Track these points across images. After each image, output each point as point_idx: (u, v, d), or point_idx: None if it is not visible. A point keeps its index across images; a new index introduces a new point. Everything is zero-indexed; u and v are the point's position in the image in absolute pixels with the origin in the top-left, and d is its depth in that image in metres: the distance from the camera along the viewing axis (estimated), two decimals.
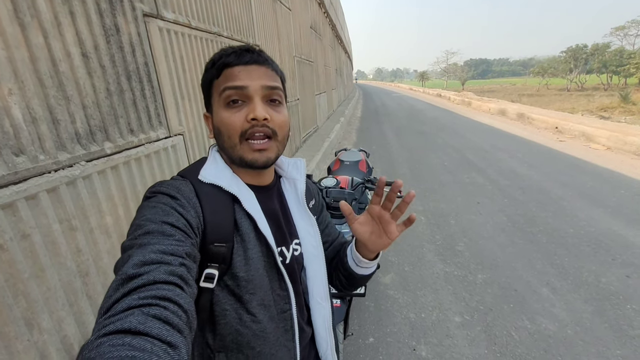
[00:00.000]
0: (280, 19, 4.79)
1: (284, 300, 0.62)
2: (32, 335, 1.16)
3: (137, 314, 0.34)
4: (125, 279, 0.39)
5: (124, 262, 0.42)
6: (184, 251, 0.45)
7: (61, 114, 1.25)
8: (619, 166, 4.94)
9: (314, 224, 0.71)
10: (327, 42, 11.91)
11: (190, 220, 0.51)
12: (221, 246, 0.54)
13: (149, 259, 0.41)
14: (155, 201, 0.51)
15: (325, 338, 0.73)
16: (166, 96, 1.88)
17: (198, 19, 2.26)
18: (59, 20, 1.23)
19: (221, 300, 0.56)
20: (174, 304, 0.37)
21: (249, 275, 0.57)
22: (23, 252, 1.12)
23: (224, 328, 0.57)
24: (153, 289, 0.37)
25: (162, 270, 0.40)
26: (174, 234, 0.47)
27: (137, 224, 0.48)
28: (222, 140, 0.59)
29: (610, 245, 2.73)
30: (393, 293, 2.22)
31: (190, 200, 0.54)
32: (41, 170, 1.18)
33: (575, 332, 1.83)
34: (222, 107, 0.58)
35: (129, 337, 0.31)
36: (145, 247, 0.43)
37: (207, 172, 0.59)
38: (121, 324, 0.32)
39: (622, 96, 17.06)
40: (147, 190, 0.55)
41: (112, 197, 1.50)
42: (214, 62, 0.60)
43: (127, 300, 0.36)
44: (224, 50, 0.60)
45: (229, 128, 0.57)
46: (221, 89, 0.57)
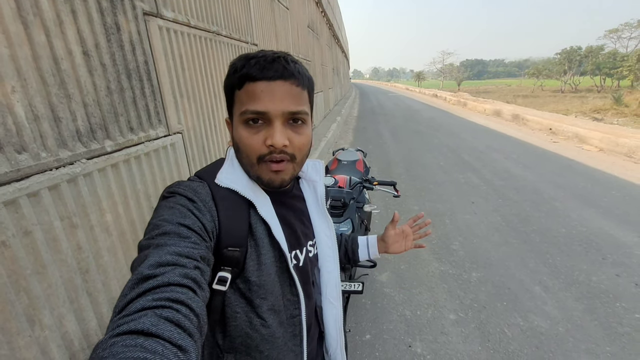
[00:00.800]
0: (278, 18, 4.80)
1: (294, 305, 0.63)
2: (34, 332, 1.17)
3: (150, 316, 0.34)
4: (140, 278, 0.39)
5: (140, 261, 0.43)
6: (199, 254, 0.46)
7: (62, 112, 1.26)
8: (610, 167, 5.03)
9: (331, 225, 0.74)
10: (324, 41, 11.92)
11: (205, 223, 0.51)
12: (235, 250, 0.55)
13: (164, 261, 0.41)
14: (173, 202, 0.52)
15: (335, 338, 0.74)
16: (165, 95, 1.89)
17: (197, 18, 2.27)
18: (61, 18, 1.24)
19: (233, 303, 0.57)
20: (186, 307, 0.38)
21: (261, 281, 0.57)
22: (25, 249, 1.13)
23: (234, 330, 0.58)
24: (167, 290, 0.38)
25: (177, 273, 0.40)
26: (190, 236, 0.47)
27: (155, 223, 0.48)
28: (240, 156, 0.59)
29: (601, 244, 2.79)
30: (389, 291, 2.26)
31: (206, 203, 0.54)
32: (43, 168, 1.18)
33: (567, 329, 1.88)
34: (241, 124, 0.55)
35: (142, 339, 0.32)
36: (162, 248, 0.43)
37: (224, 177, 0.59)
38: (135, 325, 0.33)
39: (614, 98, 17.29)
40: (164, 190, 0.55)
41: (113, 195, 1.51)
42: (236, 69, 0.56)
43: (142, 301, 0.36)
44: (247, 56, 0.55)
45: (247, 149, 0.56)
46: (242, 109, 0.54)
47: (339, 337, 0.75)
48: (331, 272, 0.73)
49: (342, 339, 0.77)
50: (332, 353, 0.76)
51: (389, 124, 10.78)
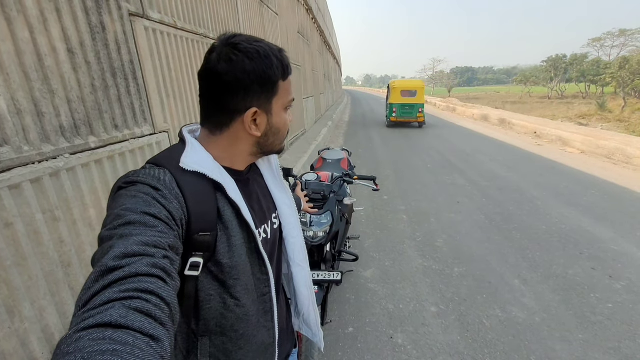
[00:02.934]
0: (267, 23, 4.88)
1: (264, 283, 0.65)
2: (13, 323, 1.18)
3: (118, 307, 0.33)
4: (105, 270, 0.37)
5: (104, 253, 0.40)
6: (167, 243, 0.44)
7: (46, 107, 1.29)
8: (591, 168, 5.19)
9: (289, 193, 0.77)
10: (315, 47, 12.06)
11: (172, 212, 0.49)
12: (206, 235, 0.54)
13: (131, 251, 0.39)
14: (135, 190, 0.49)
15: (307, 296, 0.78)
16: (151, 94, 1.92)
17: (184, 20, 2.31)
18: (45, 16, 1.27)
19: (206, 286, 0.57)
20: (156, 296, 0.36)
21: (233, 262, 0.58)
22: (5, 240, 1.14)
23: (208, 313, 0.58)
24: (135, 281, 0.36)
25: (144, 263, 0.39)
26: (157, 225, 0.45)
27: (117, 213, 0.45)
28: (276, 137, 0.65)
29: (579, 240, 2.88)
30: (373, 286, 2.30)
31: (172, 190, 0.52)
32: (25, 161, 1.21)
33: (543, 319, 1.94)
34: (284, 110, 0.64)
35: (110, 331, 0.30)
36: (127, 239, 0.41)
37: (189, 160, 0.56)
38: (101, 318, 0.31)
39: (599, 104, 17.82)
40: (119, 180, 0.52)
41: (96, 191, 1.53)
42: (281, 62, 0.59)
43: (108, 293, 0.35)
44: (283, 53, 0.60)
45: (286, 127, 0.66)
46: (290, 98, 0.63)
47: (311, 295, 0.79)
48: (295, 237, 0.76)
49: (313, 296, 0.81)
50: (305, 313, 0.80)
51: (380, 128, 10.92)
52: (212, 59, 0.56)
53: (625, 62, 22.76)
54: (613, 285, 2.25)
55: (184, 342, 0.60)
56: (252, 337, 0.64)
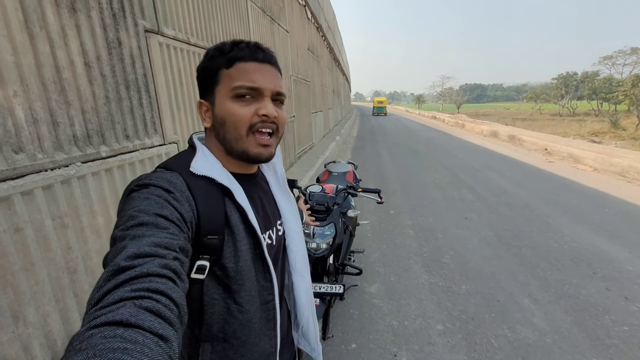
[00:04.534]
0: (278, 40, 5.02)
1: (268, 291, 0.64)
2: (17, 328, 1.19)
3: (129, 306, 0.34)
4: (117, 270, 0.38)
5: (116, 253, 0.41)
6: (178, 245, 0.45)
7: (61, 117, 1.34)
8: (604, 186, 5.08)
9: (294, 202, 0.78)
10: (325, 63, 12.31)
11: (183, 214, 0.51)
12: (213, 238, 0.55)
13: (142, 252, 0.40)
14: (147, 193, 0.50)
15: (307, 306, 0.77)
16: (162, 106, 1.99)
17: (197, 36, 2.41)
18: (65, 31, 1.34)
19: (210, 290, 0.58)
20: (166, 297, 0.37)
21: (238, 267, 0.58)
22: (15, 245, 1.17)
23: (211, 317, 0.59)
24: (146, 281, 0.37)
25: (155, 263, 0.40)
26: (168, 227, 0.46)
27: (129, 214, 0.46)
28: (225, 130, 0.59)
29: (592, 259, 2.79)
30: (378, 302, 2.25)
31: (183, 193, 0.53)
32: (38, 168, 1.25)
33: (554, 340, 1.87)
34: (230, 99, 0.58)
35: (121, 329, 0.31)
36: (140, 239, 0.42)
37: (199, 165, 0.58)
38: (113, 316, 0.32)
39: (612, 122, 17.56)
40: (132, 183, 0.53)
41: (105, 199, 1.56)
42: (222, 51, 0.59)
43: (119, 292, 0.35)
44: (234, 42, 0.60)
45: (236, 119, 0.57)
46: (236, 84, 0.57)
47: (310, 305, 0.79)
48: (298, 245, 0.75)
49: (313, 308, 0.80)
50: (304, 324, 0.79)
51: (387, 143, 10.94)
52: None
53: (638, 80, 22.53)
54: (629, 307, 2.16)
55: (186, 347, 0.61)
56: (254, 345, 0.63)
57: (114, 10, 1.61)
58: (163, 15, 2.00)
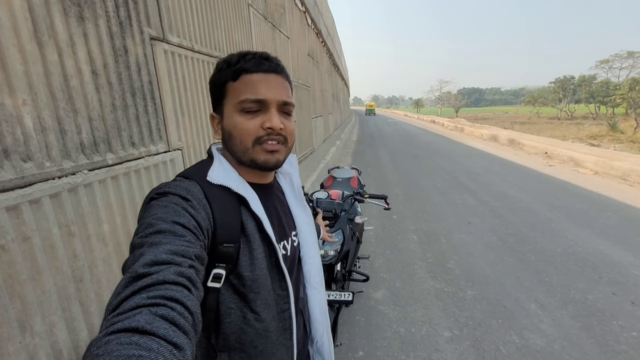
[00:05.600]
0: (279, 46, 5.05)
1: (284, 300, 0.64)
2: (24, 338, 1.18)
3: (145, 313, 0.34)
4: (134, 277, 0.39)
5: (135, 259, 0.42)
6: (194, 253, 0.46)
7: (68, 125, 1.34)
8: (605, 190, 5.08)
9: (309, 213, 0.77)
10: (324, 69, 12.38)
11: (200, 222, 0.51)
12: (229, 246, 0.56)
13: (160, 259, 0.41)
14: (166, 201, 0.51)
15: (321, 322, 0.76)
16: (167, 113, 1.99)
17: (201, 44, 2.42)
18: (73, 40, 1.35)
19: (227, 299, 0.58)
20: (181, 305, 0.38)
21: (254, 275, 0.58)
22: (22, 254, 1.16)
23: (228, 327, 0.58)
24: (162, 289, 0.38)
25: (171, 271, 0.40)
26: (185, 235, 0.47)
27: (148, 222, 0.47)
28: (232, 143, 0.60)
29: (597, 264, 2.78)
30: (384, 308, 2.24)
31: (200, 201, 0.54)
32: (46, 177, 1.24)
33: (562, 347, 1.85)
34: (237, 112, 0.58)
35: (137, 336, 0.32)
36: (157, 247, 0.43)
37: (215, 174, 0.59)
38: (129, 323, 0.33)
39: (610, 125, 17.65)
40: (152, 191, 0.55)
41: (111, 206, 1.56)
42: (229, 64, 0.60)
43: (136, 299, 0.36)
44: (241, 53, 0.60)
45: (242, 133, 0.58)
46: (241, 98, 0.58)
47: (325, 321, 0.77)
48: (313, 258, 0.75)
49: (328, 323, 0.79)
50: (318, 340, 0.77)
51: (388, 147, 10.97)
52: None
53: (635, 83, 22.67)
54: (636, 312, 2.14)
55: (203, 358, 0.60)
56: (271, 354, 0.63)
57: (120, 19, 1.62)
58: (168, 22, 2.01)
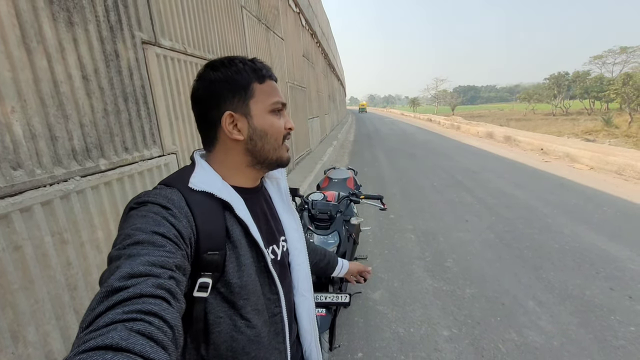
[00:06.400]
0: (273, 48, 5.04)
1: (275, 303, 0.63)
2: (17, 348, 1.16)
3: (120, 329, 0.33)
4: (110, 291, 0.37)
5: (110, 273, 0.40)
6: (174, 263, 0.44)
7: (59, 132, 1.32)
8: (601, 185, 5.11)
9: (298, 219, 0.77)
10: (320, 69, 12.38)
11: (181, 230, 0.50)
12: (214, 254, 0.54)
13: (137, 271, 0.40)
14: (145, 210, 0.50)
15: (309, 331, 0.75)
16: (161, 117, 1.97)
17: (194, 47, 2.40)
18: (62, 45, 1.33)
19: (215, 308, 0.56)
20: (159, 319, 0.36)
21: (243, 282, 0.57)
22: (14, 263, 1.14)
23: (218, 337, 0.57)
24: (139, 302, 0.36)
25: (149, 284, 0.39)
26: (165, 244, 0.46)
27: (126, 233, 0.46)
28: (266, 141, 0.63)
29: (594, 259, 2.79)
30: (382, 308, 2.23)
31: (182, 209, 0.53)
32: (37, 184, 1.23)
33: (561, 343, 1.85)
34: (269, 112, 0.63)
35: (110, 354, 0.30)
36: (134, 259, 0.41)
37: (198, 180, 0.58)
38: (102, 340, 0.31)
39: (605, 120, 17.78)
40: (131, 201, 0.53)
41: (104, 212, 1.54)
42: (255, 69, 0.62)
43: (111, 315, 0.34)
44: (252, 60, 0.64)
45: (277, 131, 0.64)
46: (274, 100, 0.63)
47: (313, 330, 0.76)
48: (301, 264, 0.74)
49: (316, 332, 0.77)
50: (306, 348, 0.76)
51: (384, 147, 10.98)
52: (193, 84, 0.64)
53: (628, 78, 22.85)
54: (634, 307, 2.15)
55: None
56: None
57: (111, 23, 1.60)
58: (160, 26, 2.00)
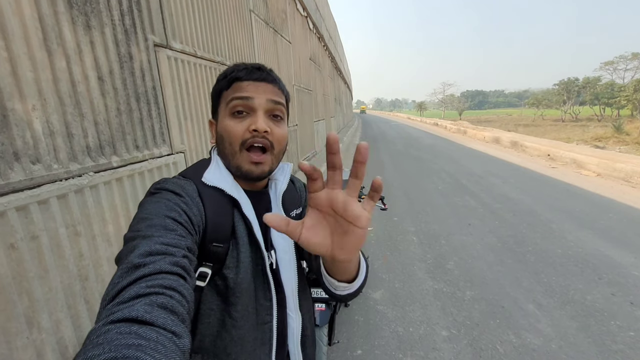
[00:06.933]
0: (281, 51, 5.12)
1: (267, 311, 0.62)
2: (32, 334, 1.23)
3: (144, 303, 0.35)
4: (131, 267, 0.40)
5: (128, 251, 0.43)
6: (186, 245, 0.47)
7: (75, 129, 1.39)
8: (608, 191, 5.07)
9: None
10: (327, 73, 12.46)
11: (192, 217, 0.53)
12: (219, 246, 0.56)
13: (154, 250, 0.42)
14: (159, 197, 0.53)
15: (294, 353, 0.68)
16: (170, 117, 2.04)
17: (203, 49, 2.48)
18: (80, 47, 1.41)
19: (209, 299, 0.58)
20: (178, 293, 0.39)
21: (238, 278, 0.59)
22: (30, 253, 1.21)
23: (205, 328, 0.58)
24: (159, 278, 0.39)
25: (167, 261, 0.42)
26: (176, 228, 0.48)
27: (141, 217, 0.49)
28: (223, 146, 0.62)
29: (597, 265, 2.79)
30: (382, 308, 2.27)
31: (193, 199, 0.56)
32: (54, 178, 1.30)
33: (560, 346, 1.87)
34: (228, 115, 0.61)
35: (136, 326, 0.32)
36: (150, 239, 0.44)
37: (211, 175, 0.61)
38: (129, 312, 0.34)
39: (615, 127, 17.52)
40: (151, 186, 0.57)
41: (115, 207, 1.61)
42: (225, 75, 0.64)
43: (135, 288, 0.37)
44: (236, 65, 0.64)
45: (230, 135, 0.60)
46: (229, 99, 0.61)
47: (297, 353, 0.68)
48: (288, 279, 0.67)
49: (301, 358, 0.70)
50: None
51: (390, 150, 11.00)
52: None
53: None
54: (635, 313, 2.15)
55: None
56: None
57: (125, 27, 1.68)
58: (171, 29, 2.07)
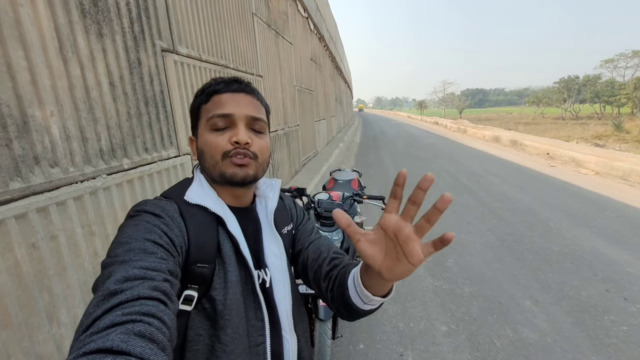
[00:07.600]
0: (282, 52, 5.18)
1: (259, 332, 0.60)
2: (52, 328, 1.30)
3: (120, 332, 0.33)
4: (107, 294, 0.37)
5: (105, 278, 0.41)
6: (167, 268, 0.45)
7: (89, 133, 1.46)
8: (605, 190, 5.13)
9: (281, 245, 0.68)
10: (327, 72, 12.51)
11: (173, 238, 0.51)
12: (204, 267, 0.54)
13: (132, 275, 0.40)
14: (138, 219, 0.51)
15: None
16: (177, 120, 2.11)
17: (208, 53, 2.55)
18: (93, 55, 1.47)
19: (197, 324, 0.55)
20: (158, 320, 0.37)
21: (227, 300, 0.56)
22: (50, 252, 1.28)
23: (194, 355, 0.55)
24: (137, 304, 0.37)
25: (146, 286, 0.39)
26: (156, 251, 0.46)
27: (119, 241, 0.47)
28: (204, 159, 0.61)
29: (593, 262, 2.85)
30: (383, 304, 2.33)
31: (174, 219, 0.54)
32: (70, 181, 1.37)
33: (555, 340, 1.93)
34: (208, 130, 0.60)
35: (111, 357, 0.30)
36: (127, 264, 0.42)
37: (193, 194, 0.59)
38: (103, 342, 0.31)
39: (615, 125, 17.55)
40: (131, 209, 0.55)
41: (127, 208, 1.68)
42: (203, 90, 0.63)
43: (110, 317, 0.34)
44: (214, 79, 0.64)
45: (211, 148, 0.59)
46: (209, 115, 0.59)
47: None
48: (281, 299, 0.65)
49: None
50: None
51: (390, 149, 11.05)
52: None
53: None
54: (628, 308, 2.22)
55: None
56: None
57: (134, 33, 1.74)
58: (178, 35, 2.14)
